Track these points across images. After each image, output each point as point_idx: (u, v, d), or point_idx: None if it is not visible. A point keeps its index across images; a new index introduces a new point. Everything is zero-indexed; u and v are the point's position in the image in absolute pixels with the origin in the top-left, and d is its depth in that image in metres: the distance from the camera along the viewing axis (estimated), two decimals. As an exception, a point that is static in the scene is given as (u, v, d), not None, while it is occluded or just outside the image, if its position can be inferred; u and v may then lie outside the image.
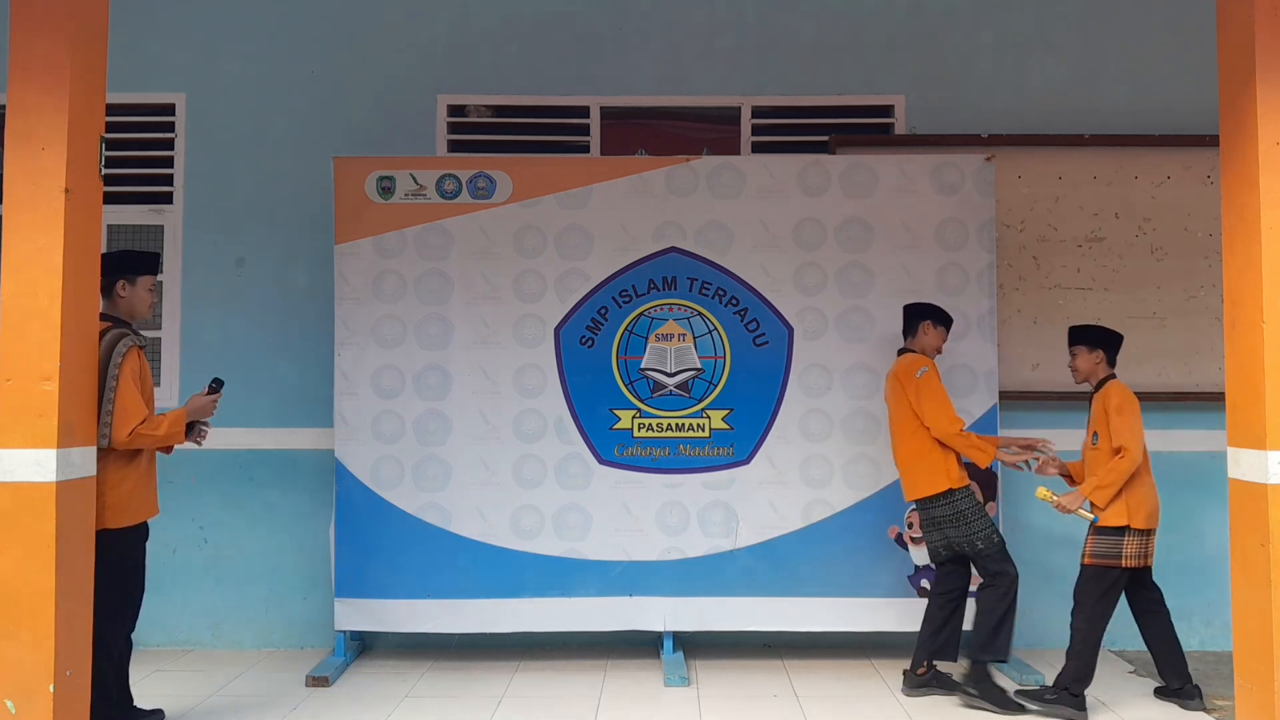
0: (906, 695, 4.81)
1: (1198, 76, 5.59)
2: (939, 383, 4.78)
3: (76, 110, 3.66)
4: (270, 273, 5.83)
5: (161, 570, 5.54)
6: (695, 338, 5.40)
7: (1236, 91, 3.85)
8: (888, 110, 5.94)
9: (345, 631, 5.34)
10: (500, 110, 6.00)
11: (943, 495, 4.74)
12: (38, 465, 3.56)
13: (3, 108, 3.84)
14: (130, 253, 4.38)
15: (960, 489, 4.75)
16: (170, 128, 5.91)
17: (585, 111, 5.96)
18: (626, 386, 5.38)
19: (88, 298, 3.79)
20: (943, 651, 4.82)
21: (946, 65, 5.91)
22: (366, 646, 5.66)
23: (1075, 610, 4.61)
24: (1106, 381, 4.70)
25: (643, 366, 5.39)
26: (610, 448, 5.35)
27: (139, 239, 5.87)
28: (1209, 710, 4.60)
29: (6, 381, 3.59)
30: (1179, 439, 5.64)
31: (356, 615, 5.28)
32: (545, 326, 5.39)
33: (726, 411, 5.36)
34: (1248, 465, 3.76)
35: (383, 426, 5.33)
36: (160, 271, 5.65)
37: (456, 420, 5.35)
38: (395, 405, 5.34)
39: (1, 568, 3.55)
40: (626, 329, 5.40)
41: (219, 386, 4.36)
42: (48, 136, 3.62)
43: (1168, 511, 4.87)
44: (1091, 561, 4.58)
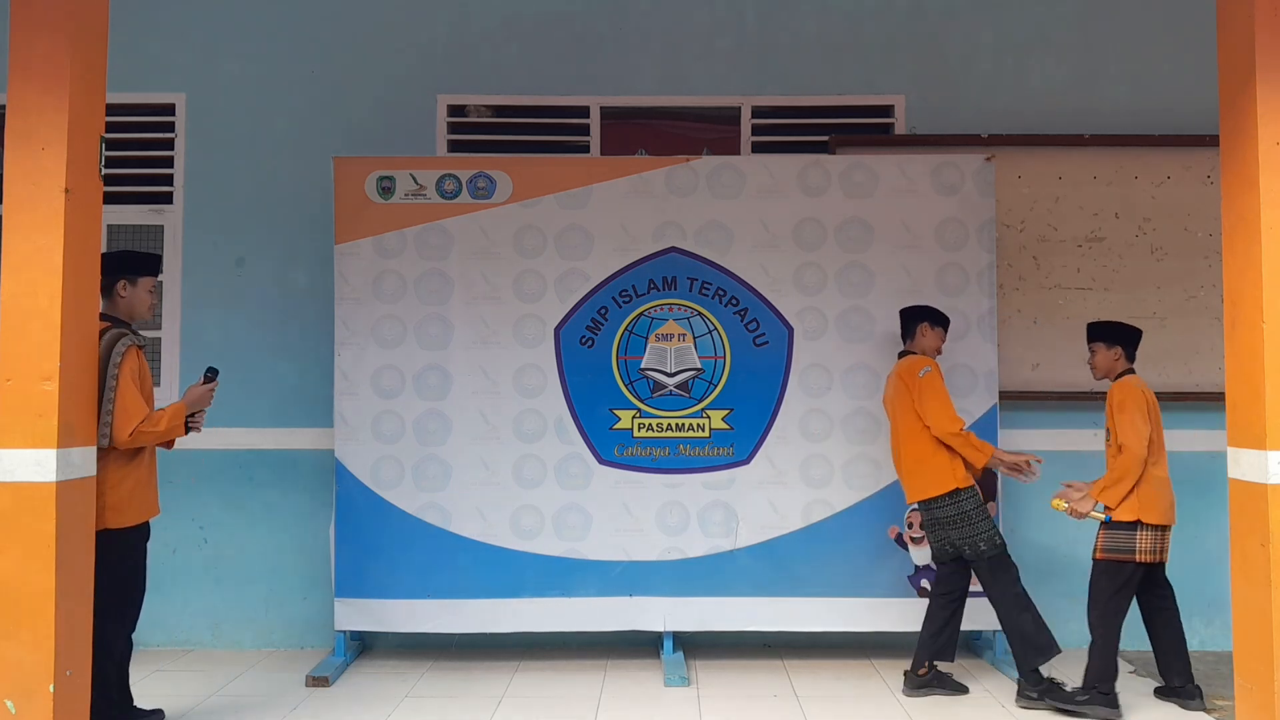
0: (907, 696, 4.80)
1: (1198, 76, 5.59)
2: (941, 383, 4.79)
3: (76, 110, 3.66)
4: (270, 273, 5.84)
5: (161, 570, 5.53)
6: (695, 338, 5.40)
7: (1236, 91, 3.85)
8: (888, 110, 5.94)
9: (345, 631, 5.35)
10: (500, 110, 6.00)
11: (948, 495, 4.75)
12: (38, 465, 3.56)
13: (3, 108, 3.83)
14: (131, 253, 4.38)
15: (966, 489, 4.77)
16: (170, 128, 5.91)
17: (585, 111, 5.96)
18: (626, 386, 5.38)
19: (88, 298, 3.79)
20: (943, 652, 4.83)
21: (946, 65, 5.91)
22: (366, 646, 5.66)
23: (1090, 607, 4.60)
24: (1120, 378, 4.71)
25: (643, 366, 5.39)
26: (610, 448, 5.35)
27: (139, 239, 5.87)
28: (1209, 710, 4.60)
29: (6, 381, 3.60)
30: (1179, 439, 5.62)
31: (356, 615, 5.28)
32: (545, 326, 5.39)
33: (726, 411, 5.36)
34: (1248, 465, 3.76)
35: (383, 426, 5.33)
36: (160, 272, 5.65)
37: (456, 420, 5.35)
38: (395, 405, 5.34)
39: (1, 568, 3.55)
40: (626, 329, 5.40)
41: (214, 375, 4.37)
42: (48, 136, 3.62)
43: (1168, 511, 4.87)
44: (1103, 556, 4.58)
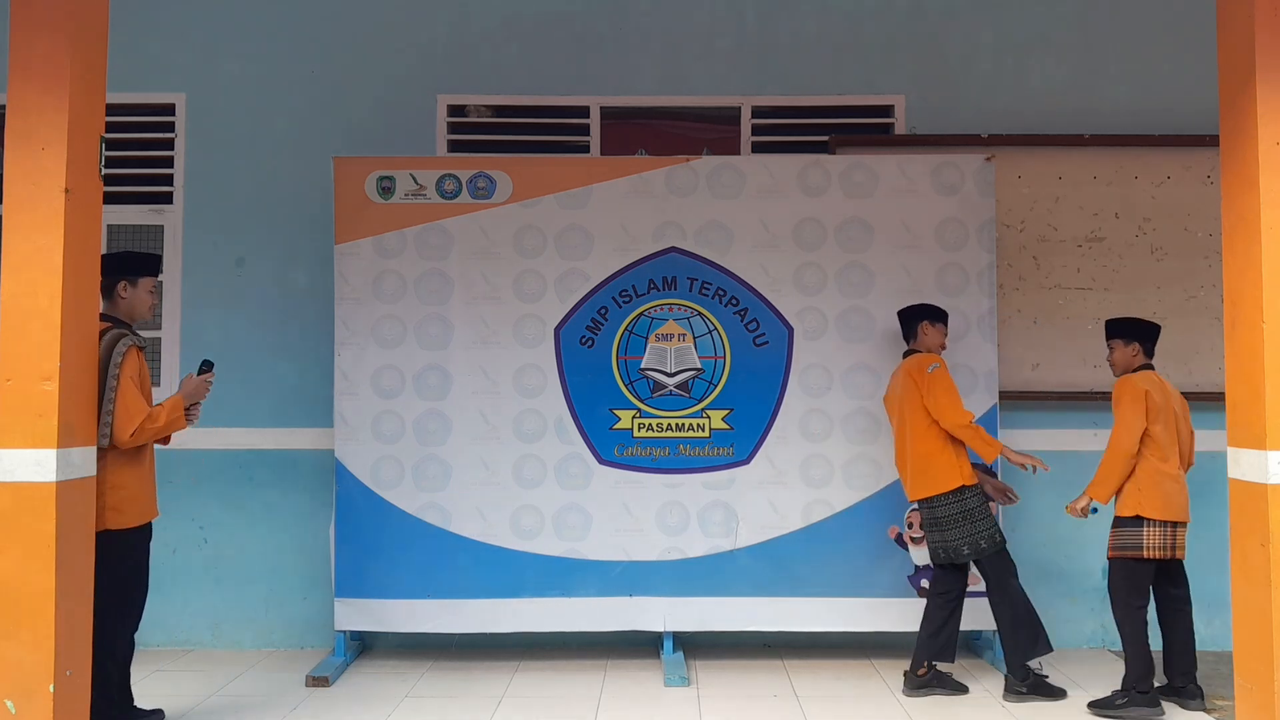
0: (907, 696, 4.81)
1: (1198, 76, 5.58)
2: (950, 378, 4.82)
3: (76, 110, 3.66)
4: (270, 273, 5.83)
5: (161, 570, 5.50)
6: (695, 338, 5.40)
7: (1236, 91, 3.85)
8: (888, 110, 5.94)
9: (345, 631, 5.34)
10: (500, 110, 6.00)
11: (953, 493, 4.76)
12: (38, 465, 3.56)
13: (3, 108, 3.83)
14: (131, 254, 4.38)
15: (971, 487, 4.79)
16: (170, 128, 5.91)
17: (585, 111, 5.96)
18: (626, 386, 5.37)
19: (88, 298, 3.79)
20: (943, 652, 4.83)
21: (946, 65, 5.91)
22: (366, 646, 5.66)
23: (1112, 607, 4.64)
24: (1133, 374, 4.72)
25: (643, 366, 5.39)
26: (610, 448, 5.35)
27: (139, 239, 5.87)
28: (1209, 710, 4.60)
29: (6, 381, 3.59)
30: (1179, 439, 5.64)
31: (356, 615, 5.28)
32: (545, 326, 5.39)
33: (726, 411, 5.36)
34: (1248, 465, 3.76)
35: (383, 426, 5.33)
36: (160, 272, 5.65)
37: (456, 420, 5.34)
38: (395, 405, 5.34)
39: (1, 568, 3.55)
40: (626, 329, 5.40)
41: (210, 367, 4.37)
42: (48, 136, 3.62)
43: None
44: (1114, 554, 4.61)
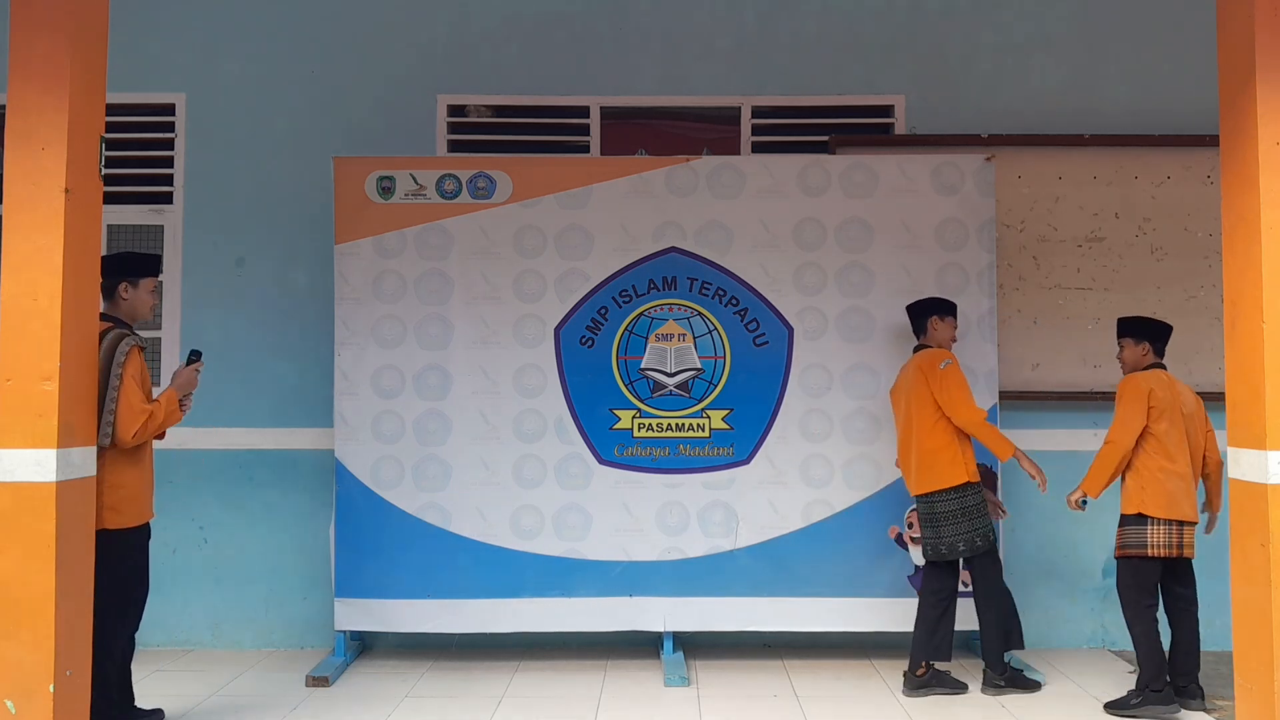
0: (907, 696, 4.81)
1: (1198, 76, 5.58)
2: (962, 374, 4.83)
3: (76, 110, 3.66)
4: (270, 273, 5.83)
5: (161, 570, 5.51)
6: (695, 338, 5.40)
7: (1236, 91, 3.84)
8: (888, 110, 5.94)
9: (345, 631, 5.34)
10: (500, 110, 6.00)
11: (956, 489, 4.77)
12: (38, 465, 3.56)
13: (3, 108, 3.83)
14: (132, 254, 4.38)
15: (974, 484, 4.81)
16: (170, 128, 5.91)
17: (585, 111, 5.96)
18: (626, 386, 5.37)
19: (88, 298, 3.79)
20: (940, 651, 4.83)
21: (946, 65, 5.91)
22: (366, 646, 5.66)
23: (1122, 607, 4.66)
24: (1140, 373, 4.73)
25: (643, 366, 5.39)
26: (610, 448, 5.35)
27: (139, 239, 5.87)
28: (1209, 710, 4.60)
29: (6, 381, 3.59)
30: (1179, 439, 5.64)
31: (356, 615, 5.28)
32: (545, 326, 5.39)
33: (726, 411, 5.36)
34: (1248, 465, 3.76)
35: (383, 426, 5.33)
36: (160, 272, 5.65)
37: (456, 420, 5.34)
38: (395, 405, 5.34)
39: (1, 568, 3.55)
40: (626, 329, 5.40)
41: (198, 356, 4.36)
42: (48, 136, 3.62)
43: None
44: (1120, 553, 4.63)
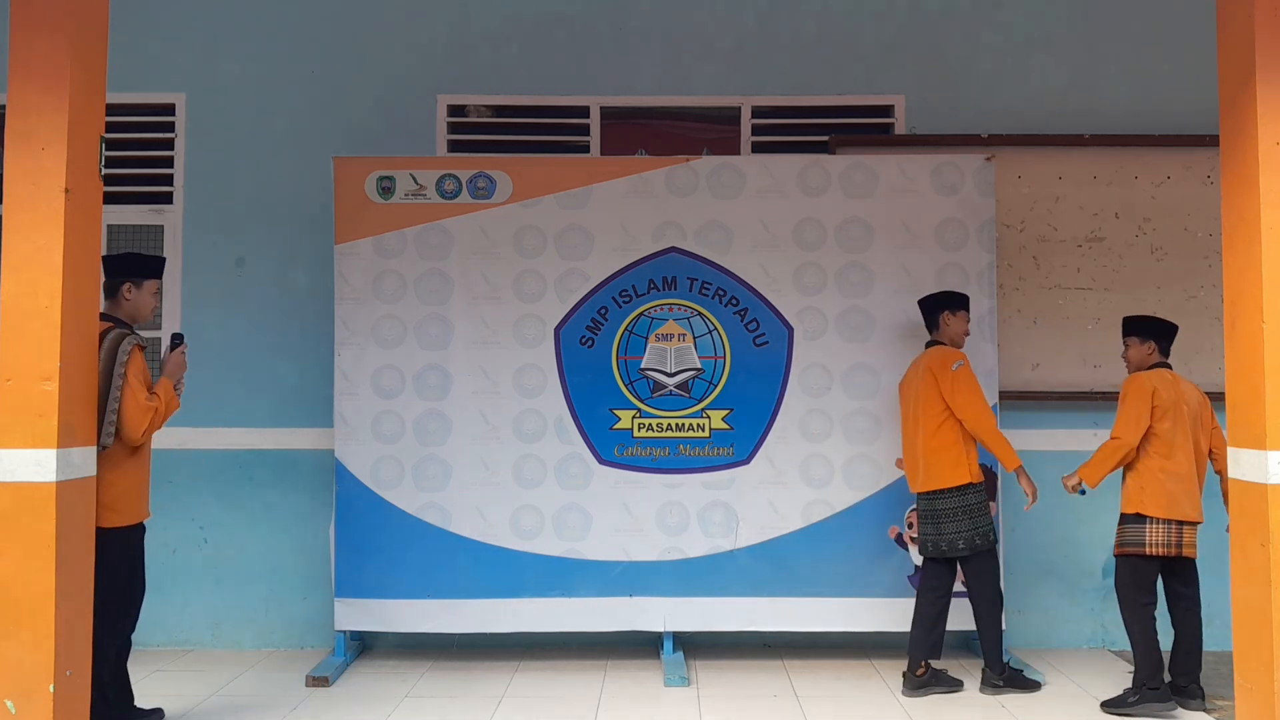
0: (907, 696, 4.81)
1: (1198, 76, 5.58)
2: (974, 377, 4.83)
3: (76, 110, 3.66)
4: (270, 273, 5.83)
5: (161, 570, 5.54)
6: (695, 338, 5.40)
7: (1236, 91, 3.84)
8: (888, 110, 5.94)
9: (345, 631, 5.34)
10: (500, 110, 6.00)
11: (957, 489, 4.78)
12: (38, 465, 3.56)
13: (3, 108, 3.83)
14: (138, 255, 4.40)
15: (976, 484, 4.82)
16: (170, 128, 5.91)
17: (585, 111, 5.96)
18: (626, 386, 5.37)
19: (88, 298, 3.79)
20: (935, 649, 4.85)
21: (946, 65, 5.91)
22: (366, 646, 5.66)
23: (1119, 605, 4.67)
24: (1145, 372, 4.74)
25: (643, 366, 5.39)
26: (610, 448, 5.35)
27: (139, 239, 5.87)
28: (1209, 710, 4.60)
29: (6, 381, 3.59)
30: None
31: (356, 615, 5.28)
32: (545, 326, 5.39)
33: (726, 411, 5.36)
34: (1248, 465, 3.76)
35: (383, 426, 5.33)
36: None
37: (456, 420, 5.34)
38: (395, 405, 5.34)
39: (1, 568, 3.55)
40: (626, 329, 5.40)
41: (181, 339, 4.36)
42: (48, 136, 3.62)
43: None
44: (1119, 551, 4.65)
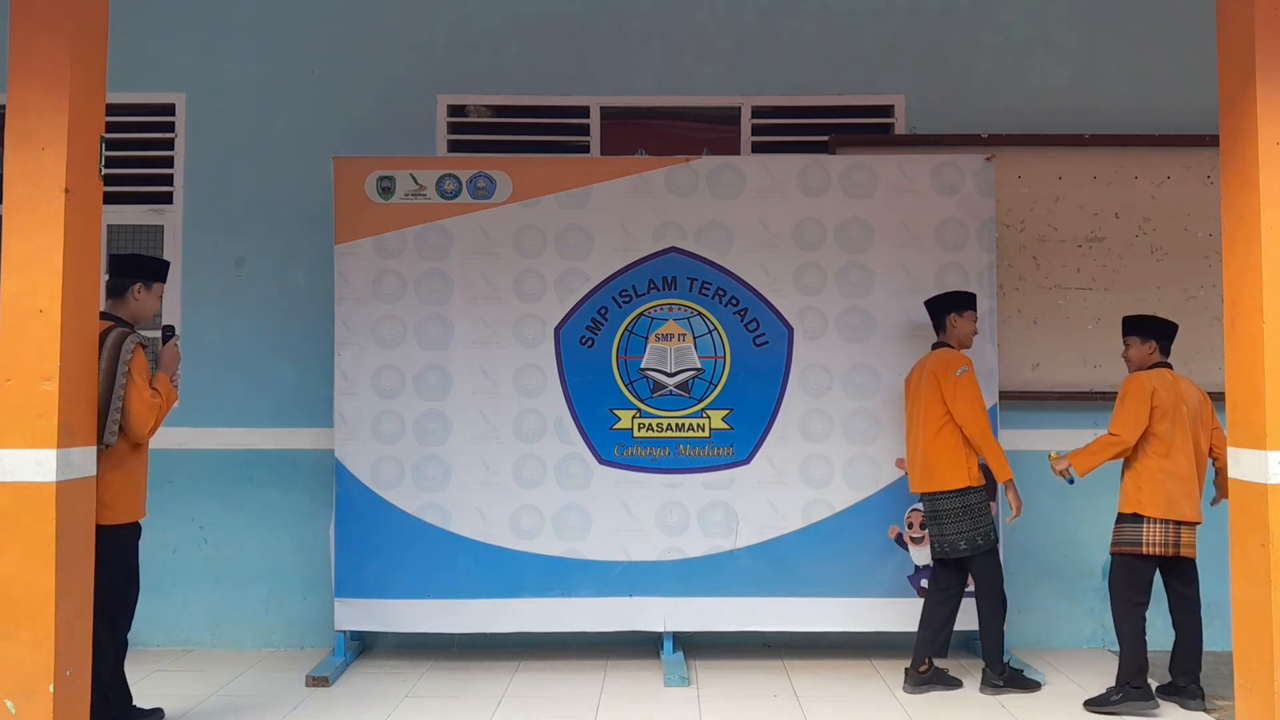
0: (908, 693, 4.81)
1: (1198, 76, 5.58)
2: (976, 385, 4.83)
3: (76, 110, 3.66)
4: (270, 273, 5.83)
5: (161, 570, 5.54)
6: (695, 338, 5.40)
7: (1236, 91, 3.84)
8: (888, 110, 5.94)
9: (345, 631, 5.34)
10: (500, 110, 6.00)
11: (957, 492, 4.79)
12: (38, 465, 3.55)
13: (3, 108, 3.83)
14: (146, 257, 4.42)
15: (976, 488, 4.83)
16: (170, 128, 5.91)
17: (585, 111, 5.96)
18: (626, 386, 5.37)
19: (88, 298, 3.79)
20: (941, 649, 4.87)
21: (946, 65, 5.91)
22: (366, 646, 5.66)
23: (1111, 603, 4.68)
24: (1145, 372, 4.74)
25: (643, 366, 5.39)
26: (610, 448, 5.35)
27: (139, 239, 5.87)
28: (1209, 710, 4.60)
29: (6, 381, 3.59)
30: (1179, 439, 5.64)
31: (356, 615, 5.28)
32: (545, 326, 5.39)
33: (726, 411, 5.36)
34: (1248, 465, 3.76)
35: (383, 426, 5.33)
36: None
37: (456, 420, 5.34)
38: (395, 405, 5.34)
39: (1, 568, 3.55)
40: (626, 329, 5.40)
41: (172, 331, 4.37)
42: (48, 136, 3.62)
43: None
44: (1115, 550, 4.66)
